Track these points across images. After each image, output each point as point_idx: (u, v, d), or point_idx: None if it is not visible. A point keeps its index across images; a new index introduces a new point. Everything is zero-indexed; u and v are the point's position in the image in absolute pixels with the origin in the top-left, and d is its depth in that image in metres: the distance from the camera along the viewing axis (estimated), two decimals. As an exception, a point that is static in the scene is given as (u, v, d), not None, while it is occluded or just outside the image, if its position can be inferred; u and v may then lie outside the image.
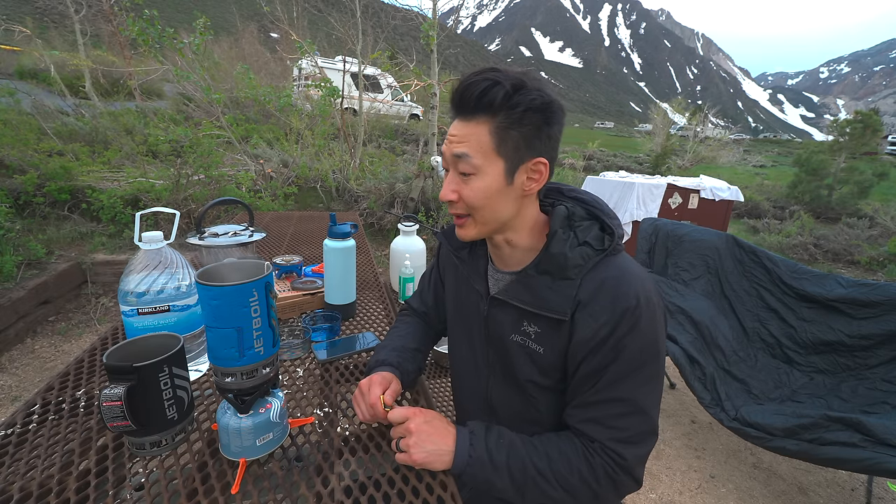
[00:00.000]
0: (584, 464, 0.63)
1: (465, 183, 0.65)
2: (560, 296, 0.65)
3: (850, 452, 1.39)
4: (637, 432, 0.64)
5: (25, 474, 0.58)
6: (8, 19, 12.53)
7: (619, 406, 0.63)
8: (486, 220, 0.68)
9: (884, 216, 6.34)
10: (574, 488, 0.63)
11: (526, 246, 0.71)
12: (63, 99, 6.70)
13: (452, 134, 0.65)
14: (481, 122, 0.62)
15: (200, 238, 0.97)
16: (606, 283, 0.63)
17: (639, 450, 0.64)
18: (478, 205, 0.66)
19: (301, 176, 5.00)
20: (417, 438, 0.63)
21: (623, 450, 0.63)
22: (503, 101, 0.60)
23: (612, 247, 0.66)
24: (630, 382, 0.63)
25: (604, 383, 0.64)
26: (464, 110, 0.64)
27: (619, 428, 0.63)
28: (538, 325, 0.68)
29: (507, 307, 0.72)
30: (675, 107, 28.34)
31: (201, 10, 5.52)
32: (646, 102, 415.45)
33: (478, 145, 0.63)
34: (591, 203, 0.72)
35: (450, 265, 0.89)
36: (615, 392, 0.63)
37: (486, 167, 0.63)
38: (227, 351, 0.57)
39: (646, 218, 2.71)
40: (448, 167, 0.68)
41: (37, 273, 2.87)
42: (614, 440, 0.63)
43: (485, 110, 0.61)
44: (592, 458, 0.63)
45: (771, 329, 2.07)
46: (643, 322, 0.62)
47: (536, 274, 0.68)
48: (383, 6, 7.75)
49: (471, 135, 0.63)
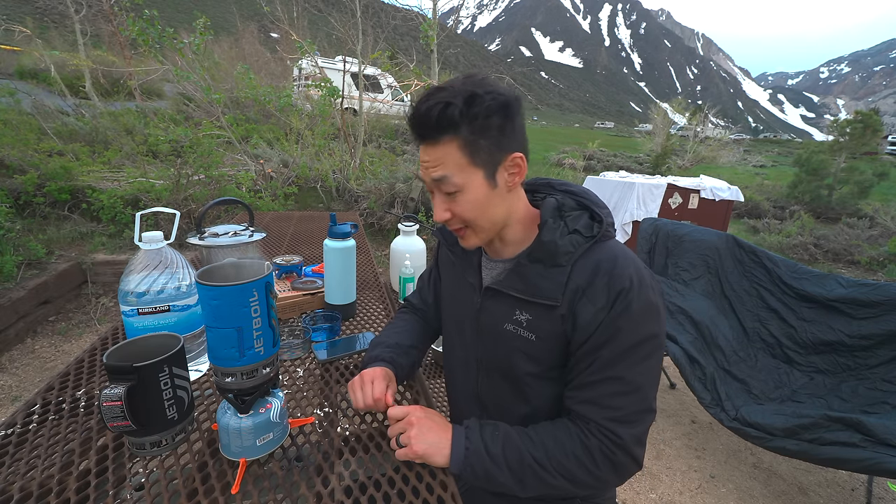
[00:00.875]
0: (580, 447, 0.64)
1: (453, 201, 0.67)
2: (551, 283, 0.67)
3: (850, 452, 1.39)
4: (632, 411, 0.64)
5: (26, 474, 0.58)
6: (8, 19, 12.52)
7: (613, 385, 0.64)
8: (483, 227, 0.70)
9: (884, 216, 6.34)
10: (572, 473, 0.63)
11: (519, 238, 0.74)
12: (63, 99, 6.70)
13: (424, 160, 0.67)
14: (447, 141, 0.63)
15: (200, 238, 0.97)
16: (601, 266, 0.65)
17: (634, 429, 0.63)
18: (472, 217, 0.68)
19: (301, 176, 5.01)
20: (419, 430, 0.64)
21: (618, 429, 0.63)
22: (461, 117, 0.61)
23: (601, 233, 0.68)
24: (625, 362, 0.63)
25: (599, 364, 0.64)
26: (427, 136, 0.65)
27: (614, 407, 0.63)
28: (529, 312, 0.70)
29: (500, 297, 0.73)
30: (675, 107, 28.35)
31: (201, 10, 5.52)
32: (646, 102, 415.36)
33: (453, 164, 0.64)
34: (580, 194, 0.74)
35: (447, 262, 0.90)
36: (610, 372, 0.64)
37: (468, 181, 0.65)
38: (227, 351, 0.57)
39: (646, 218, 2.71)
40: (432, 190, 0.70)
41: (37, 273, 2.87)
42: (609, 419, 0.63)
43: (447, 130, 0.63)
44: (588, 440, 0.64)
45: (771, 329, 2.08)
46: (637, 304, 0.63)
47: (528, 262, 0.70)
48: (383, 6, 7.74)
49: (443, 156, 0.64)
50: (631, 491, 1.80)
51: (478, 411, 0.82)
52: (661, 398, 2.47)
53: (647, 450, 2.02)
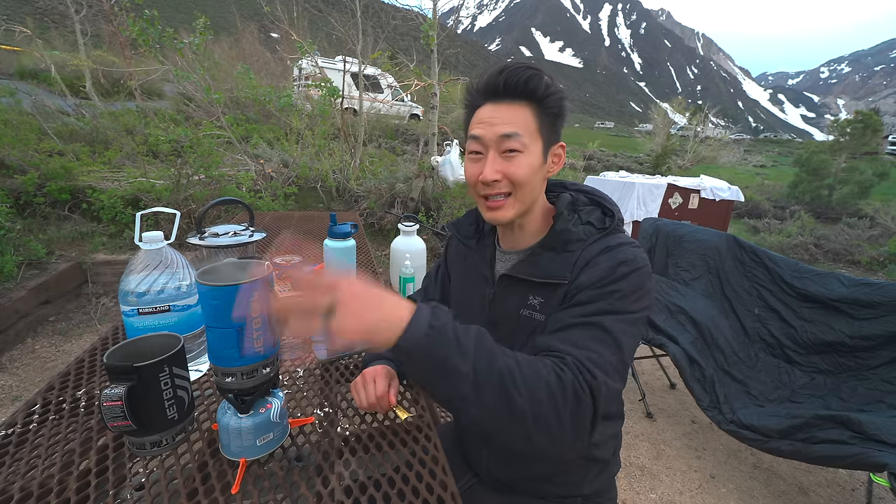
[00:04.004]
0: (554, 376, 0.55)
1: (510, 161, 0.70)
2: (562, 265, 0.71)
3: (839, 449, 1.40)
4: (610, 361, 0.59)
5: (26, 474, 0.58)
6: (8, 19, 12.52)
7: (596, 331, 0.62)
8: (525, 198, 0.72)
9: (884, 216, 6.34)
10: (538, 400, 0.53)
11: (535, 228, 0.78)
12: (63, 99, 6.70)
13: (492, 116, 0.70)
14: (523, 105, 0.69)
15: (201, 238, 0.97)
16: (608, 248, 0.69)
17: (609, 379, 0.58)
18: (524, 181, 0.70)
19: (301, 176, 5.01)
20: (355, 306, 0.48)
21: (594, 369, 0.57)
22: (544, 90, 0.68)
23: (612, 226, 0.73)
24: (612, 318, 0.63)
25: (586, 312, 0.64)
26: (506, 95, 0.69)
27: (594, 350, 0.59)
28: (541, 295, 0.72)
29: (514, 284, 0.75)
30: (675, 107, 28.32)
31: (201, 10, 5.52)
32: (646, 102, 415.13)
33: (524, 125, 0.69)
34: (592, 193, 0.80)
35: (457, 258, 0.92)
36: (595, 319, 0.63)
37: (532, 145, 0.70)
38: (227, 351, 0.57)
39: (646, 218, 2.71)
40: (484, 149, 0.71)
41: (37, 273, 2.87)
42: (588, 359, 0.58)
43: (527, 96, 0.69)
44: (563, 372, 0.56)
45: (771, 329, 2.08)
46: (635, 277, 0.66)
47: (542, 251, 0.74)
48: (383, 6, 7.75)
49: (515, 116, 0.69)
50: (631, 491, 1.80)
51: None
52: (662, 398, 2.47)
53: (647, 450, 2.03)
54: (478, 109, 0.72)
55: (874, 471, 1.34)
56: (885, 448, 1.32)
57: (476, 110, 0.72)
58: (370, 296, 0.50)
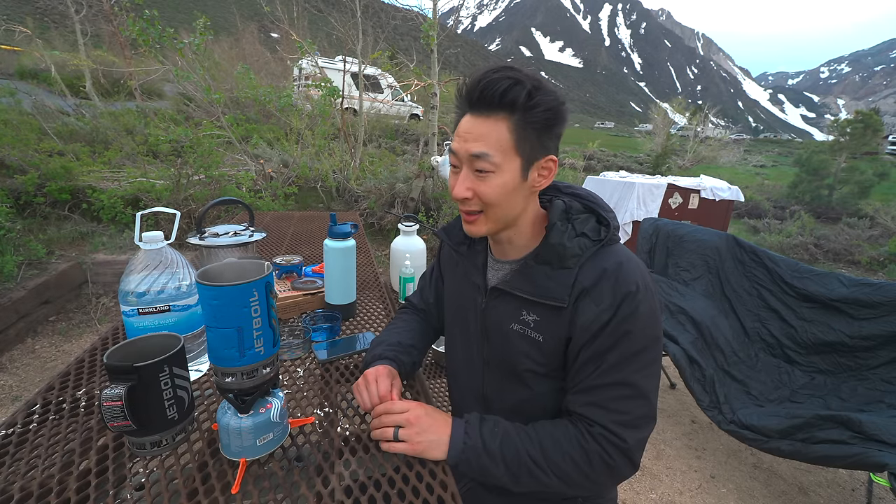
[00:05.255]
0: (578, 450, 0.64)
1: (482, 180, 0.65)
2: (559, 284, 0.67)
3: (839, 449, 1.40)
4: (638, 416, 0.64)
5: (26, 474, 0.58)
6: (8, 19, 12.52)
7: (620, 389, 0.64)
8: (497, 217, 0.69)
9: (884, 216, 6.34)
10: (566, 474, 0.64)
11: (526, 239, 0.74)
12: (63, 99, 6.71)
13: (467, 131, 0.65)
14: (500, 119, 0.62)
15: (201, 238, 0.97)
16: (608, 270, 0.65)
17: (639, 433, 0.64)
18: (494, 202, 0.66)
19: (301, 176, 5.01)
20: (419, 428, 0.65)
21: (624, 432, 0.63)
22: (525, 100, 0.61)
23: (608, 237, 0.68)
24: (631, 366, 0.64)
25: (606, 367, 0.64)
26: (481, 107, 0.63)
27: (621, 411, 0.64)
28: (536, 313, 0.70)
29: (507, 297, 0.73)
30: (675, 107, 28.33)
31: (201, 10, 5.52)
32: (646, 102, 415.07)
33: (497, 143, 0.63)
34: (586, 198, 0.74)
35: (450, 262, 0.90)
36: (617, 376, 0.64)
37: (505, 165, 0.64)
38: (227, 351, 0.57)
39: (646, 218, 2.71)
40: (459, 164, 0.67)
41: (37, 273, 2.87)
42: (616, 423, 0.63)
43: (505, 108, 0.62)
44: (588, 443, 0.64)
45: (771, 329, 2.07)
46: (643, 307, 0.63)
47: (535, 264, 0.70)
48: (383, 6, 7.75)
49: (489, 132, 0.63)
50: (631, 491, 1.80)
51: (482, 409, 0.82)
52: (662, 398, 2.47)
53: (647, 450, 2.03)
54: (462, 118, 0.67)
55: (874, 471, 1.34)
56: (885, 448, 1.32)
57: (461, 118, 0.68)
58: (424, 422, 0.66)
